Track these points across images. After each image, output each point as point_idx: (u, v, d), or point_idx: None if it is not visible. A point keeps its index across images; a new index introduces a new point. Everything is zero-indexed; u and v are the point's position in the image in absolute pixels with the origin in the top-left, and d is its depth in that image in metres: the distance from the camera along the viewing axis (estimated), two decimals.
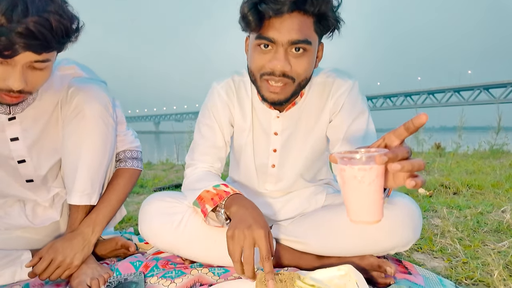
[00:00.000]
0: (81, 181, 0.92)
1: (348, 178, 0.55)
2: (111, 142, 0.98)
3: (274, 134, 0.98)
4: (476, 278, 0.86)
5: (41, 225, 1.00)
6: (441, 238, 1.20)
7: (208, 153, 1.00)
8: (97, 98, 0.93)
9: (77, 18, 0.74)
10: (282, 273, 0.75)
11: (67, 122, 0.92)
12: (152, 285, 0.83)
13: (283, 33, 0.76)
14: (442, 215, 1.52)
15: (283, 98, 0.84)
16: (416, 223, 0.83)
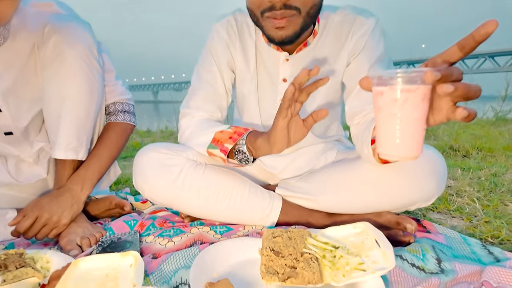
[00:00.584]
0: (66, 133, 0.83)
1: (386, 103, 0.45)
2: (98, 90, 0.87)
3: (282, 81, 0.87)
4: (502, 237, 0.79)
5: (26, 182, 0.91)
6: (457, 197, 1.13)
7: (207, 100, 0.90)
8: (78, 38, 0.81)
9: None
10: (291, 230, 0.68)
11: (45, 66, 0.81)
12: (148, 244, 0.76)
13: None
14: (455, 176, 1.44)
15: (292, 34, 0.72)
16: (441, 174, 0.75)
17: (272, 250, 0.61)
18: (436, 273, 0.59)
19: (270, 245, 0.62)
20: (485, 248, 0.69)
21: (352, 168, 0.81)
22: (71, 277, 0.55)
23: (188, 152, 0.84)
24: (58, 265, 0.63)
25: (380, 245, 0.60)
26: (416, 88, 0.43)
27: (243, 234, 0.80)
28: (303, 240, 0.65)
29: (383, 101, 0.45)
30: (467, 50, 0.44)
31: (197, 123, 0.86)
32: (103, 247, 0.75)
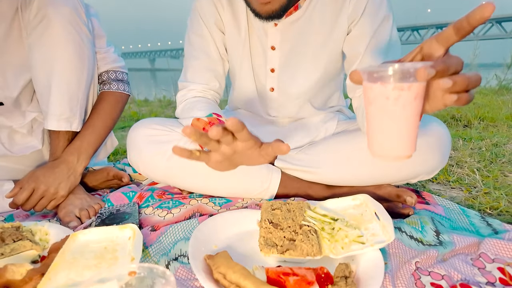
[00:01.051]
0: (57, 103, 0.80)
1: (377, 100, 0.42)
2: (89, 56, 0.83)
3: (271, 48, 0.82)
4: (501, 208, 0.79)
5: (20, 153, 0.90)
6: (457, 168, 1.12)
7: (202, 69, 0.86)
8: (64, 1, 0.75)
9: None
10: (289, 202, 0.67)
11: (30, 31, 0.76)
12: (147, 216, 0.76)
13: None
14: (456, 146, 1.43)
15: (278, 7, 0.68)
16: (445, 147, 0.73)
17: (271, 222, 0.61)
18: (435, 245, 0.59)
19: (269, 217, 0.62)
20: (484, 220, 0.69)
21: (352, 140, 0.79)
22: (70, 249, 0.55)
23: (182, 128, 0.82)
24: (57, 237, 0.63)
25: (379, 217, 0.60)
26: (409, 86, 0.40)
27: (242, 205, 0.79)
28: (302, 212, 0.64)
29: (373, 97, 0.42)
30: (462, 34, 0.40)
31: (186, 102, 0.84)
32: (102, 218, 0.75)
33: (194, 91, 0.87)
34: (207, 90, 0.88)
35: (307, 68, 0.84)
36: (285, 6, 0.69)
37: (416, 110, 0.42)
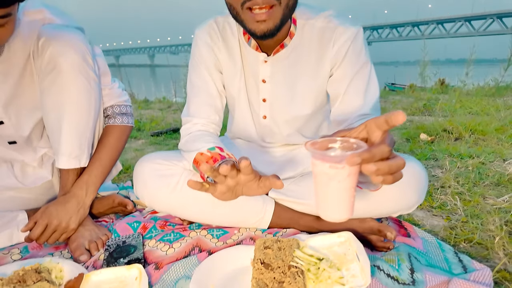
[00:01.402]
0: (67, 143, 0.87)
1: (318, 173, 0.51)
2: (96, 98, 0.90)
3: (262, 81, 0.90)
4: (475, 241, 0.86)
5: (32, 185, 0.97)
6: (441, 192, 1.19)
7: (203, 105, 0.93)
8: (72, 48, 0.82)
9: None
10: (281, 240, 0.74)
11: (42, 78, 0.83)
12: (151, 248, 0.83)
13: None
14: (444, 165, 1.50)
15: (272, 26, 0.73)
16: (422, 186, 0.80)
17: (263, 263, 0.68)
18: (408, 284, 0.66)
19: (261, 257, 0.69)
20: (457, 256, 0.76)
21: None
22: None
23: (184, 161, 0.88)
24: (70, 274, 0.70)
25: (359, 258, 0.67)
26: (343, 167, 0.48)
27: (237, 237, 0.87)
28: (291, 251, 0.71)
29: (316, 171, 0.51)
30: (386, 128, 0.49)
31: (190, 136, 0.90)
32: (109, 251, 0.82)
33: (198, 125, 0.93)
34: (209, 123, 0.94)
35: (295, 100, 0.91)
36: (278, 26, 0.74)
37: (350, 184, 0.50)
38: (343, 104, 0.82)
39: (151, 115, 3.55)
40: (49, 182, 1.02)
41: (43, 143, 0.98)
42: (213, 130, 0.94)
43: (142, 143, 2.27)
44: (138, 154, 1.97)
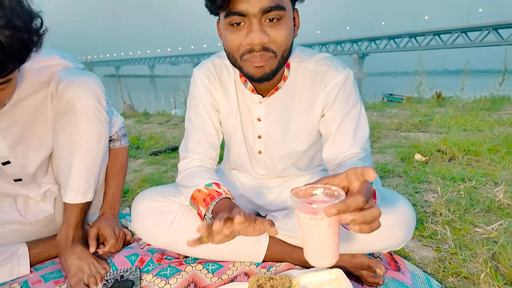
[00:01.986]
0: (76, 179, 0.91)
1: (301, 223, 0.55)
2: (105, 136, 0.95)
3: (257, 120, 0.94)
4: (463, 275, 0.88)
5: (34, 219, 1.00)
6: (432, 220, 1.22)
7: (201, 141, 0.97)
8: (89, 92, 0.88)
9: (38, 17, 0.63)
10: (274, 277, 0.77)
11: (58, 118, 0.88)
12: (148, 283, 0.86)
13: (253, 2, 0.70)
14: (436, 189, 1.53)
15: (269, 71, 0.78)
16: (410, 226, 0.83)
17: None
18: None
19: None
20: None
21: None
22: None
23: (181, 197, 0.91)
24: None
25: None
26: (322, 218, 0.52)
27: (232, 272, 0.89)
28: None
29: (299, 220, 0.55)
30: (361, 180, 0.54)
31: (188, 171, 0.93)
32: (107, 287, 0.84)
33: (195, 161, 0.97)
34: (206, 159, 0.98)
35: (289, 137, 0.95)
36: (274, 71, 0.79)
37: (331, 232, 0.54)
38: (334, 144, 0.86)
39: (150, 131, 3.58)
40: (51, 215, 1.05)
41: (47, 179, 1.01)
42: (210, 165, 0.97)
43: (141, 163, 2.30)
44: (137, 175, 2.00)
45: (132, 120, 4.64)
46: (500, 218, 1.23)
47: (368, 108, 5.52)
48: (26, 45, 0.61)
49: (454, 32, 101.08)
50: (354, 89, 0.86)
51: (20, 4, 0.60)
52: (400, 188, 1.62)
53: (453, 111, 3.96)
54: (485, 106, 4.72)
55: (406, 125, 3.40)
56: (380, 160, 2.16)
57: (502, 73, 6.10)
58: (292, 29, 0.78)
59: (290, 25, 0.76)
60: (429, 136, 2.91)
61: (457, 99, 5.72)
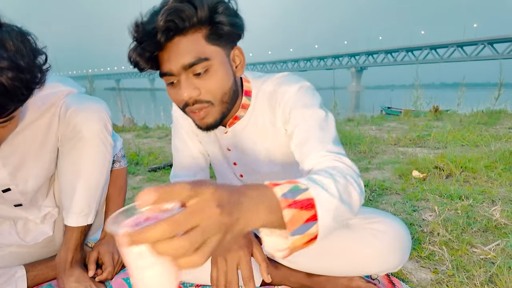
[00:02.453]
0: (79, 203, 0.93)
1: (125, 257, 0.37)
2: (109, 160, 0.97)
3: (227, 149, 0.96)
4: None
5: (33, 242, 1.00)
6: (430, 240, 1.23)
7: (188, 166, 1.00)
8: (96, 118, 0.90)
9: (42, 53, 0.64)
10: None
11: (64, 142, 0.90)
12: None
13: (173, 62, 0.72)
14: (434, 208, 1.54)
15: (213, 121, 0.78)
16: (405, 248, 0.84)
17: None
18: None
19: None
20: None
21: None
22: None
23: None
24: None
25: None
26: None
27: None
28: None
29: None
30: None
31: None
32: None
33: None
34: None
35: (262, 161, 0.94)
36: (219, 119, 0.79)
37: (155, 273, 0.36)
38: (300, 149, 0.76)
39: (150, 146, 3.60)
40: (50, 237, 1.05)
41: (48, 202, 1.02)
42: None
43: (140, 180, 2.31)
44: (136, 193, 2.00)
45: (132, 134, 4.66)
46: (498, 238, 1.23)
47: (366, 121, 5.56)
48: (29, 85, 0.61)
49: (450, 46, 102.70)
50: (309, 97, 0.80)
51: (24, 43, 0.60)
52: (398, 206, 1.62)
53: (450, 126, 4.00)
54: (482, 120, 4.77)
55: (404, 140, 3.42)
56: (378, 177, 2.17)
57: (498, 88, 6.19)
58: (228, 72, 0.77)
59: (221, 72, 0.75)
60: (426, 151, 2.93)
61: (454, 113, 5.77)
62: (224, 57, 0.76)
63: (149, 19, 0.70)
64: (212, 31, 0.73)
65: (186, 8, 0.68)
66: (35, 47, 0.63)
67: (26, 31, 0.62)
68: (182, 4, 0.69)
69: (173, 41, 0.71)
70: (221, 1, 0.72)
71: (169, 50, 0.71)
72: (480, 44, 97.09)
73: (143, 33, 0.69)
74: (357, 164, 2.54)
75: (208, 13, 0.70)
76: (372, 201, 1.72)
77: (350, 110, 14.28)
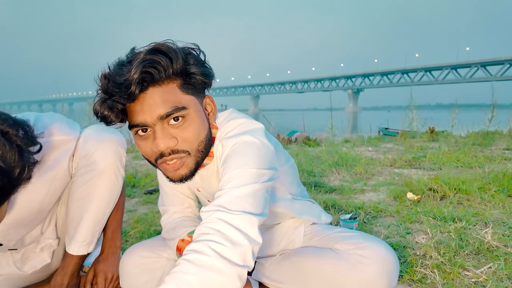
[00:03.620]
0: (84, 232, 0.94)
1: None
2: (119, 191, 0.99)
3: (197, 190, 0.96)
4: None
5: (31, 270, 1.00)
6: (422, 263, 1.23)
7: (174, 194, 1.01)
8: (113, 151, 0.92)
9: (36, 144, 0.61)
10: None
11: (79, 173, 0.90)
12: None
13: (148, 112, 0.70)
14: (427, 230, 1.55)
15: (187, 172, 0.76)
16: (393, 273, 0.85)
17: None
18: None
19: None
20: None
21: (315, 261, 0.90)
22: None
23: (169, 250, 0.94)
24: None
25: None
26: None
27: None
28: None
29: None
30: None
31: (170, 224, 0.96)
32: None
33: (176, 213, 1.01)
34: (185, 209, 1.02)
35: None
36: (194, 170, 0.77)
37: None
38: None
39: (147, 168, 3.60)
40: (48, 264, 1.05)
41: (48, 234, 1.03)
42: (191, 214, 1.01)
43: (136, 203, 2.31)
44: (131, 216, 2.00)
45: (129, 156, 4.67)
46: (490, 261, 1.24)
47: (363, 142, 5.62)
48: (10, 188, 0.58)
49: (445, 68, 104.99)
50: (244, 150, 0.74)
51: (10, 139, 0.56)
52: (392, 228, 1.63)
53: (445, 147, 4.04)
54: (477, 141, 4.82)
55: (400, 161, 3.45)
56: (373, 199, 2.19)
57: (491, 109, 6.31)
58: (203, 120, 0.77)
59: (198, 120, 0.75)
60: (422, 173, 2.95)
61: (450, 134, 5.84)
62: (198, 106, 0.77)
63: (117, 71, 0.68)
64: (185, 81, 0.74)
65: (162, 59, 0.69)
66: (26, 140, 0.59)
67: (21, 120, 0.60)
68: (157, 56, 0.69)
69: (147, 92, 0.70)
70: (190, 53, 0.74)
71: (141, 101, 0.70)
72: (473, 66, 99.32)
73: (114, 85, 0.67)
74: (353, 185, 2.56)
75: (182, 65, 0.71)
76: (367, 223, 1.72)
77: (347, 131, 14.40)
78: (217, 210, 0.63)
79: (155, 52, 0.69)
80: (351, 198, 2.22)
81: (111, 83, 0.68)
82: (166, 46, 0.70)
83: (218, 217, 0.62)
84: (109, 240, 1.08)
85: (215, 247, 0.57)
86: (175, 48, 0.72)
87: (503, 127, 6.05)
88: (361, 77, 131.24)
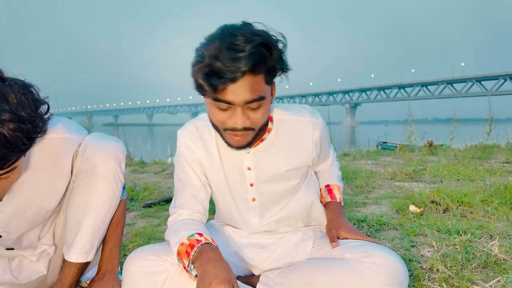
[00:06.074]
0: (82, 239, 0.92)
1: None
2: (118, 197, 0.97)
3: (247, 169, 1.00)
4: None
5: (26, 280, 0.98)
6: (429, 277, 1.20)
7: (188, 197, 1.01)
8: (113, 157, 0.92)
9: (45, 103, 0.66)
10: None
11: (79, 178, 0.90)
12: None
13: (239, 95, 0.80)
14: (432, 243, 1.52)
15: (246, 143, 0.89)
16: (403, 281, 0.83)
17: None
18: None
19: None
20: None
21: (323, 271, 0.89)
22: None
23: (173, 256, 0.91)
24: None
25: None
26: None
27: None
28: None
29: None
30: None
31: (174, 225, 0.96)
32: None
33: (182, 215, 1.00)
34: (193, 213, 1.01)
35: (280, 179, 1.01)
36: (251, 142, 0.90)
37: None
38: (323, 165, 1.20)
39: (146, 181, 3.58)
40: (43, 275, 1.02)
41: (46, 239, 1.00)
42: (197, 218, 1.00)
43: (134, 216, 2.27)
44: (129, 229, 1.97)
45: (128, 169, 4.64)
46: (498, 274, 1.21)
47: (362, 156, 5.60)
48: (30, 134, 0.62)
49: (441, 83, 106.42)
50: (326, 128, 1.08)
51: (26, 95, 0.63)
52: (396, 241, 1.60)
53: (445, 160, 4.04)
54: (476, 154, 4.82)
55: (400, 174, 3.44)
56: (375, 212, 2.16)
57: (489, 123, 6.35)
58: (270, 105, 0.90)
59: (268, 105, 0.88)
60: (423, 186, 2.93)
61: (449, 147, 5.86)
62: (270, 94, 0.88)
63: (230, 53, 0.76)
64: (270, 74, 0.84)
65: (267, 57, 0.79)
66: (37, 98, 0.66)
67: (29, 83, 0.66)
68: (263, 51, 0.78)
69: (245, 77, 0.78)
70: (280, 49, 0.83)
71: (236, 84, 0.79)
72: (469, 81, 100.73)
73: (224, 66, 0.76)
74: (354, 198, 2.53)
75: (275, 63, 0.82)
76: (370, 236, 1.69)
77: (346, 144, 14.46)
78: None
79: (263, 46, 0.78)
80: (353, 211, 2.19)
81: (221, 64, 0.76)
82: (271, 44, 0.80)
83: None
84: (106, 258, 1.04)
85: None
86: (276, 45, 0.82)
87: (501, 141, 6.07)
88: (358, 91, 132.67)
